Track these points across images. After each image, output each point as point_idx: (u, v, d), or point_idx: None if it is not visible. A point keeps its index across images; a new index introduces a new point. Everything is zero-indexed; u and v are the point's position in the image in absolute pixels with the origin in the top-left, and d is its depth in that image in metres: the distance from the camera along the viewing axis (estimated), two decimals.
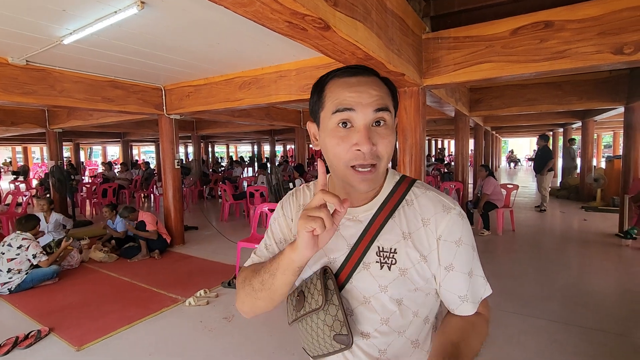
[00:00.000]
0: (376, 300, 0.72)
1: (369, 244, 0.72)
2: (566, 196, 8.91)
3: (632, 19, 2.22)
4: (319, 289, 0.70)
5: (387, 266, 0.71)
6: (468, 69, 2.76)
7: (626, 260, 4.22)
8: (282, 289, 0.70)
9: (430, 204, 0.73)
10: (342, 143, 0.65)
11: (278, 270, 0.68)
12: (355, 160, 0.65)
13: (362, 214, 0.74)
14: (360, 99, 0.65)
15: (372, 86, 0.66)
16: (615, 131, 15.76)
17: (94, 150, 25.85)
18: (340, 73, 0.69)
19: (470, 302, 0.72)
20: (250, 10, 1.33)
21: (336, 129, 0.66)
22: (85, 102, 4.13)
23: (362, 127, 0.64)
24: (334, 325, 0.69)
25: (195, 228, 6.35)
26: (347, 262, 0.72)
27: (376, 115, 0.65)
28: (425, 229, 0.71)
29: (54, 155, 7.35)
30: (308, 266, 0.76)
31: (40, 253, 3.77)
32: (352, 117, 0.65)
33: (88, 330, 2.79)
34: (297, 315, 0.75)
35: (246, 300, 0.76)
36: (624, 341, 2.50)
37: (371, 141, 0.64)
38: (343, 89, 0.66)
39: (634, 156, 5.24)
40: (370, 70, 0.70)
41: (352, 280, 0.72)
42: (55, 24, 2.62)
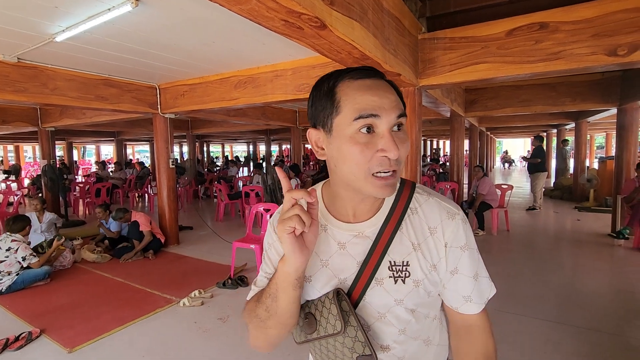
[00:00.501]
0: (392, 314, 0.71)
1: (380, 259, 0.69)
2: (559, 196, 9.00)
3: (626, 21, 2.24)
4: (335, 313, 0.67)
5: (402, 280, 0.70)
6: (464, 69, 2.77)
7: (619, 260, 4.27)
8: (288, 309, 0.67)
9: (435, 211, 0.72)
10: (366, 149, 0.61)
11: (278, 290, 0.66)
12: (379, 167, 0.62)
13: (368, 230, 0.71)
14: (383, 103, 0.62)
15: (388, 90, 0.65)
16: (608, 132, 15.95)
17: (87, 149, 25.60)
18: (352, 74, 0.64)
19: (474, 302, 0.72)
20: (246, 8, 1.32)
21: (357, 135, 0.62)
22: (78, 101, 4.08)
23: (386, 133, 0.61)
24: (355, 346, 0.67)
25: (190, 228, 6.30)
26: (358, 280, 0.70)
27: (398, 120, 0.63)
28: (433, 238, 0.70)
29: (46, 154, 7.25)
30: (315, 288, 0.74)
31: (30, 255, 3.71)
32: (376, 123, 0.62)
33: (80, 331, 2.75)
34: (307, 337, 0.73)
35: (259, 335, 0.73)
36: (617, 340, 2.52)
37: (397, 146, 0.61)
38: (362, 92, 0.62)
39: (627, 157, 5.30)
40: (379, 72, 0.68)
41: (366, 297, 0.70)
42: (47, 21, 2.58)
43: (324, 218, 0.74)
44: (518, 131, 16.01)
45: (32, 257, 3.70)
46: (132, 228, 4.71)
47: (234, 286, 3.56)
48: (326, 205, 0.75)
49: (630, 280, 3.59)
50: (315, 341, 0.73)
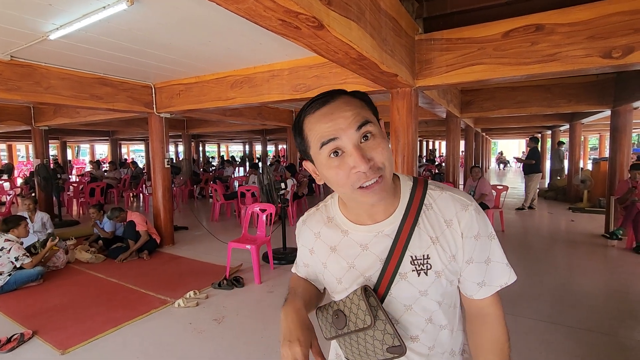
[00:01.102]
0: (418, 305, 0.75)
1: (401, 255, 0.73)
2: (554, 197, 9.06)
3: (621, 24, 2.25)
4: (364, 309, 0.71)
5: (424, 272, 0.73)
6: (460, 70, 2.78)
7: (612, 261, 4.30)
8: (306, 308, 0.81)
9: (449, 204, 0.75)
10: (340, 171, 0.66)
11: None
12: (359, 182, 0.66)
13: (387, 228, 0.75)
14: (338, 125, 0.65)
15: (344, 108, 0.67)
16: (601, 134, 16.11)
17: (81, 148, 25.38)
18: (310, 108, 0.69)
19: (487, 286, 0.76)
20: (243, 8, 1.31)
21: (328, 160, 0.67)
22: (72, 100, 4.04)
23: (352, 150, 0.65)
24: (385, 339, 0.71)
25: (185, 228, 6.27)
26: (383, 276, 0.74)
27: (360, 131, 0.65)
28: (450, 230, 0.74)
29: (39, 153, 7.17)
30: (344, 288, 0.79)
31: (23, 255, 3.66)
32: (339, 145, 0.66)
33: (73, 333, 2.72)
34: (337, 332, 0.77)
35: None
36: (610, 340, 2.53)
37: (366, 158, 0.64)
38: (319, 122, 0.67)
39: (620, 158, 5.35)
40: (338, 91, 0.71)
41: (391, 291, 0.74)
42: (41, 19, 2.55)
43: (344, 225, 0.80)
44: (513, 132, 16.12)
45: (25, 258, 3.66)
46: (127, 228, 4.67)
47: (229, 287, 3.54)
48: (344, 214, 0.81)
49: (624, 281, 3.63)
50: (345, 337, 0.76)
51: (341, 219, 0.80)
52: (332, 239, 0.80)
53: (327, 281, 0.84)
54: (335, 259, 0.80)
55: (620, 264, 4.15)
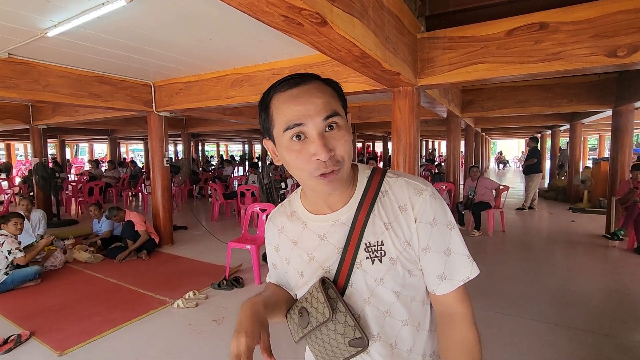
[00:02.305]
0: (375, 297, 0.73)
1: (358, 243, 0.72)
2: (554, 197, 9.06)
3: (626, 22, 2.23)
4: (322, 301, 0.70)
5: (378, 259, 0.72)
6: (463, 69, 2.75)
7: (613, 262, 4.29)
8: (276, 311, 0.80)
9: (403, 189, 0.74)
10: (300, 155, 0.66)
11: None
12: (317, 171, 0.65)
13: (343, 217, 0.75)
14: (307, 110, 0.64)
15: (315, 94, 0.66)
16: (601, 134, 16.10)
17: (80, 147, 25.31)
18: (280, 86, 0.68)
19: (448, 279, 0.72)
20: (245, 3, 1.28)
21: (290, 143, 0.66)
22: (71, 98, 4.00)
23: (315, 137, 0.64)
24: (346, 331, 0.69)
25: (185, 228, 6.24)
26: (342, 266, 0.73)
27: (327, 122, 0.65)
28: (403, 215, 0.72)
29: (38, 152, 7.13)
30: (305, 282, 0.78)
31: (16, 249, 3.62)
32: (303, 130, 0.65)
33: (71, 333, 2.69)
34: (303, 332, 0.75)
35: None
36: (611, 342, 2.52)
37: (327, 147, 0.64)
38: (288, 103, 0.66)
39: (621, 158, 5.33)
40: (310, 75, 0.70)
41: (352, 283, 0.73)
42: (39, 15, 2.51)
43: (304, 216, 0.79)
44: (513, 132, 16.11)
45: (18, 252, 3.61)
46: (126, 227, 4.64)
47: (229, 287, 3.51)
48: (304, 205, 0.80)
49: (625, 282, 3.61)
50: (311, 335, 0.75)
51: (302, 211, 0.80)
52: (294, 232, 0.80)
53: (290, 277, 0.83)
54: (297, 252, 0.79)
55: (622, 265, 4.13)
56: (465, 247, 0.74)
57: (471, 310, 0.76)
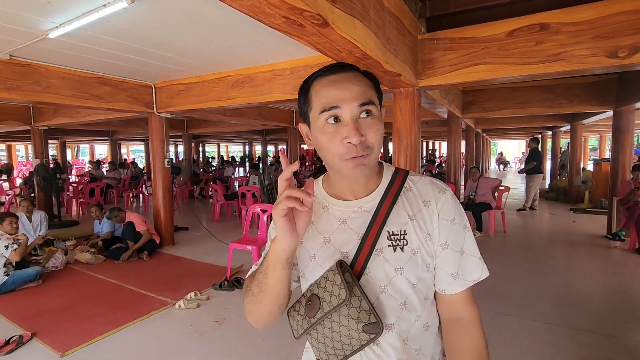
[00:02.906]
0: (392, 286, 0.73)
1: (379, 230, 0.74)
2: (555, 198, 9.05)
3: (627, 23, 2.23)
4: (339, 283, 0.69)
5: (400, 248, 0.73)
6: (464, 70, 2.75)
7: (615, 262, 4.28)
8: (277, 287, 0.71)
9: (427, 187, 0.78)
10: (334, 138, 0.68)
11: (268, 268, 0.70)
12: (348, 154, 0.68)
13: (366, 205, 0.77)
14: (344, 95, 0.68)
15: (353, 81, 0.69)
16: (602, 134, 16.09)
17: (81, 148, 25.33)
18: (322, 72, 0.72)
19: (460, 279, 0.75)
20: (247, 4, 1.28)
21: (325, 125, 0.69)
22: (72, 99, 4.01)
23: (349, 121, 0.67)
24: (361, 315, 0.68)
25: (186, 229, 6.24)
26: (360, 252, 0.73)
27: (361, 108, 0.68)
28: (427, 209, 0.76)
29: (39, 153, 7.14)
30: (316, 265, 0.77)
31: (13, 243, 3.60)
32: (339, 114, 0.68)
33: (73, 334, 2.69)
34: (310, 322, 0.73)
35: (252, 309, 0.78)
36: (614, 342, 2.51)
37: (359, 132, 0.67)
38: (327, 88, 0.69)
39: (622, 159, 5.33)
40: (351, 65, 0.73)
41: (368, 270, 0.73)
42: (40, 17, 2.52)
43: (325, 200, 0.81)
44: (513, 133, 16.10)
45: (15, 245, 3.59)
46: (126, 228, 4.64)
47: (230, 288, 3.51)
48: (326, 190, 0.82)
49: (626, 282, 3.60)
50: (317, 326, 0.73)
51: (323, 195, 0.81)
52: (313, 214, 0.79)
53: (299, 259, 0.81)
54: (312, 234, 0.79)
55: (623, 265, 4.12)
56: (478, 250, 0.77)
57: (479, 314, 0.78)
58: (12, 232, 3.75)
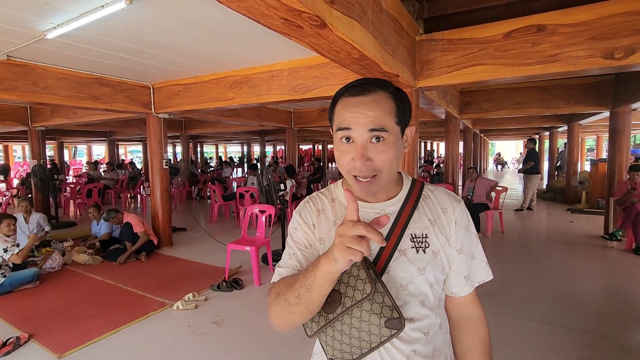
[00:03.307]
0: (413, 285, 0.77)
1: (402, 232, 0.78)
2: (552, 198, 9.09)
3: (623, 24, 2.25)
4: (364, 277, 0.70)
5: (422, 250, 0.78)
6: (461, 71, 2.76)
7: (612, 262, 4.30)
8: (319, 300, 0.71)
9: (444, 195, 0.86)
10: (344, 155, 0.74)
11: (315, 283, 0.68)
12: (353, 171, 0.73)
13: (389, 208, 0.81)
14: (357, 119, 0.71)
15: (371, 107, 0.72)
16: (599, 135, 16.16)
17: (78, 149, 25.25)
18: (347, 92, 0.75)
19: (470, 281, 0.83)
20: (245, 5, 1.29)
21: (340, 143, 0.75)
22: (69, 100, 4.00)
23: (358, 144, 0.72)
24: (384, 311, 0.70)
25: (184, 229, 6.23)
26: (383, 252, 0.77)
27: (372, 134, 0.72)
28: (445, 216, 0.82)
29: (36, 154, 7.12)
30: None
31: (12, 246, 3.60)
32: (351, 135, 0.73)
33: (70, 336, 2.68)
34: (327, 319, 0.74)
35: (282, 316, 0.76)
36: (612, 342, 2.52)
37: (365, 157, 0.71)
38: (345, 109, 0.74)
39: (619, 159, 5.36)
40: (380, 84, 0.75)
41: (389, 269, 0.76)
42: (38, 18, 2.51)
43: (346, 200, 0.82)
44: (511, 133, 16.15)
45: (15, 248, 3.59)
46: (124, 229, 4.63)
47: (228, 289, 3.51)
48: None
49: (624, 282, 3.62)
50: (335, 323, 0.74)
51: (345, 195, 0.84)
52: (335, 214, 0.84)
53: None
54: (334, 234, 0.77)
55: (621, 265, 4.14)
56: (484, 255, 0.86)
57: (484, 312, 0.87)
58: (9, 234, 3.74)
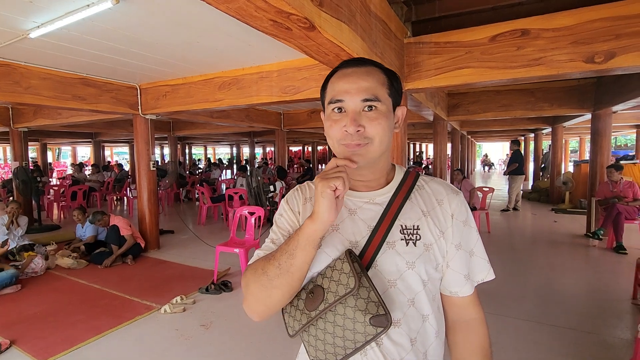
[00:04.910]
0: (402, 281, 0.72)
1: (391, 223, 0.74)
2: (537, 199, 9.29)
3: (603, 30, 2.32)
4: (347, 271, 0.67)
5: (413, 242, 0.73)
6: (448, 73, 2.81)
7: (594, 260, 4.42)
8: (302, 269, 0.68)
9: (440, 187, 0.80)
10: (335, 125, 0.72)
11: (298, 247, 0.67)
12: (344, 140, 0.71)
13: (379, 197, 0.78)
14: (350, 88, 0.71)
15: (364, 77, 0.72)
16: (581, 136, 16.59)
17: (62, 150, 24.69)
18: (341, 66, 0.76)
19: (470, 280, 0.78)
20: (234, 7, 1.29)
21: (332, 114, 0.74)
22: (53, 100, 3.92)
23: (350, 112, 0.71)
24: (369, 307, 0.65)
25: (171, 232, 6.15)
26: (370, 244, 0.73)
27: (364, 104, 0.71)
28: (440, 208, 0.77)
29: (18, 155, 6.93)
30: (325, 252, 0.74)
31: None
32: (343, 105, 0.72)
33: (54, 341, 2.62)
34: (309, 317, 0.69)
35: (260, 295, 0.70)
36: (594, 339, 2.59)
37: (357, 123, 0.69)
38: (338, 80, 0.74)
39: (600, 160, 5.51)
40: (372, 62, 0.76)
41: (377, 262, 0.72)
42: (21, 16, 2.46)
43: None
44: (497, 135, 16.45)
45: None
46: (110, 232, 4.55)
47: (217, 291, 3.47)
48: None
49: (606, 280, 3.72)
50: (318, 321, 0.69)
51: None
52: None
53: None
54: None
55: (602, 264, 4.26)
56: (485, 252, 0.80)
57: (484, 315, 0.82)
58: None
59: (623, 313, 2.97)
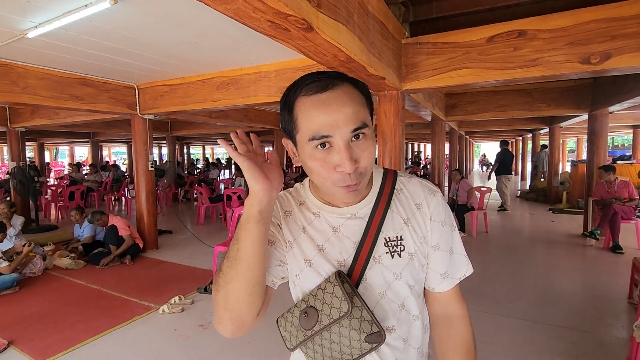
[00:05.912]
0: (391, 291, 0.73)
1: (375, 237, 0.72)
2: (534, 199, 9.32)
3: (599, 31, 2.34)
4: (339, 295, 0.66)
5: (398, 254, 0.73)
6: (446, 74, 2.82)
7: (591, 260, 4.44)
8: (251, 253, 0.63)
9: (418, 189, 0.78)
10: (324, 164, 0.64)
11: (240, 229, 0.64)
12: (342, 182, 0.64)
13: (360, 211, 0.74)
14: (336, 121, 0.61)
15: (345, 102, 0.62)
16: (579, 137, 16.66)
17: (60, 150, 24.61)
18: (308, 88, 0.64)
19: (449, 278, 0.77)
20: (232, 8, 1.29)
21: (315, 151, 0.64)
22: (51, 100, 3.91)
23: (342, 148, 0.62)
24: (363, 326, 0.66)
25: (170, 232, 6.14)
26: (357, 259, 0.71)
27: (353, 133, 0.63)
28: (420, 212, 0.76)
29: (15, 155, 6.91)
30: (316, 271, 0.72)
31: (1, 258, 3.51)
32: (331, 141, 0.63)
33: (52, 342, 2.62)
34: (306, 335, 0.69)
35: (220, 299, 0.67)
36: (591, 338, 2.61)
37: (353, 160, 0.62)
38: (316, 109, 0.62)
39: (597, 161, 5.54)
40: (339, 76, 0.66)
41: (366, 277, 0.71)
42: (19, 16, 2.45)
43: (315, 206, 0.77)
44: (495, 135, 16.49)
45: (2, 261, 3.51)
46: (109, 232, 4.54)
47: None
48: (315, 195, 0.78)
49: (602, 279, 3.74)
50: (314, 338, 0.69)
51: (312, 201, 0.77)
52: (303, 219, 0.76)
53: (291, 260, 0.75)
54: (305, 239, 0.74)
55: (599, 264, 4.28)
56: (463, 248, 0.80)
57: (468, 311, 0.81)
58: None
59: (619, 312, 2.99)
